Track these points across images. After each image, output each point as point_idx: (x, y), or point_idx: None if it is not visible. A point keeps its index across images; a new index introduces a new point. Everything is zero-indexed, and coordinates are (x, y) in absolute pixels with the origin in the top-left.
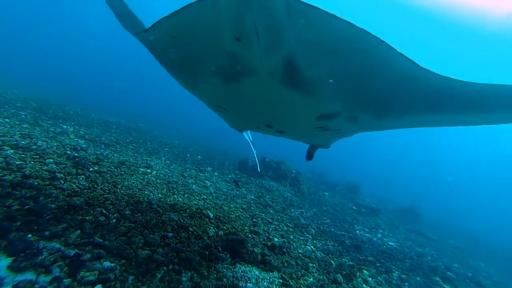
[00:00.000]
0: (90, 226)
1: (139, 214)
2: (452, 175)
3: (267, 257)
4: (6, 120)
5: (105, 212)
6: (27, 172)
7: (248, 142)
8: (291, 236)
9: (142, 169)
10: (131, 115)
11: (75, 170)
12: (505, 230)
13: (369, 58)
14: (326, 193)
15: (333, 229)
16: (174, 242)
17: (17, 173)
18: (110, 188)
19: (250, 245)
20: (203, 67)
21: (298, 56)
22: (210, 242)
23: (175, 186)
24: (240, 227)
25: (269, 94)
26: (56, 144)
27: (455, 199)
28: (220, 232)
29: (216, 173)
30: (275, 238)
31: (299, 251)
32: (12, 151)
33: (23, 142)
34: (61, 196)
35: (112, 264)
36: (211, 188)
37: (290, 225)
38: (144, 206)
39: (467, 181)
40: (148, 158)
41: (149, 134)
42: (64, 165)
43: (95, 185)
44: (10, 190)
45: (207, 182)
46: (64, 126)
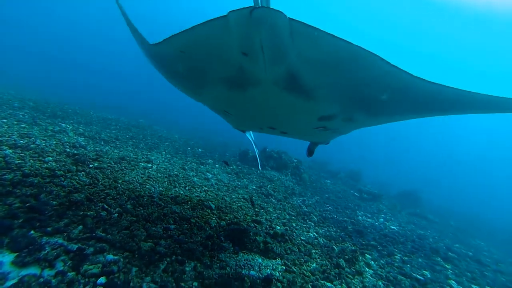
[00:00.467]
0: (92, 221)
1: (141, 208)
2: (453, 161)
3: (270, 245)
4: (4, 121)
5: (107, 207)
6: (27, 171)
7: (251, 142)
8: (294, 224)
9: (143, 164)
10: (131, 113)
11: (75, 167)
12: (506, 212)
13: (362, 69)
14: (328, 181)
15: (335, 216)
16: (177, 234)
17: (17, 172)
18: (111, 184)
19: (252, 234)
20: (209, 77)
21: (299, 68)
22: (213, 233)
23: (176, 179)
24: (242, 217)
25: (273, 100)
26: (55, 142)
27: (456, 183)
28: (222, 223)
29: (217, 165)
30: (277, 227)
31: (302, 238)
32: (11, 151)
33: (22, 142)
34: (62, 193)
35: (116, 257)
36: (213, 180)
37: (292, 213)
38: (146, 200)
39: (468, 166)
40: (149, 153)
41: (149, 129)
42: (64, 163)
43: (96, 181)
44: (11, 189)
45: (208, 174)
46: (63, 125)
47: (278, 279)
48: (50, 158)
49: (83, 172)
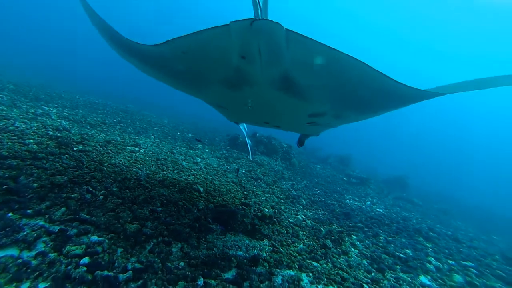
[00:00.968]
0: (76, 204)
1: (127, 191)
2: (440, 146)
3: (258, 227)
4: None
5: (92, 190)
6: (5, 153)
7: (243, 132)
8: (282, 207)
9: (130, 148)
10: (121, 98)
11: (58, 150)
12: (485, 195)
13: (349, 73)
14: (318, 166)
15: (324, 199)
16: (164, 216)
17: None
18: (96, 166)
19: (240, 216)
20: (208, 76)
21: (293, 71)
22: (200, 215)
23: (165, 163)
24: (231, 200)
25: (267, 99)
26: (37, 125)
27: (442, 169)
28: (211, 205)
29: (207, 150)
30: (266, 209)
31: (290, 221)
32: None
33: None
34: (44, 176)
35: (100, 238)
36: (202, 164)
37: (281, 197)
38: (132, 183)
39: (454, 152)
40: (136, 137)
41: (138, 114)
42: (46, 145)
43: (80, 164)
44: None
45: (198, 159)
46: (46, 108)
47: (265, 259)
48: (31, 141)
49: (67, 155)
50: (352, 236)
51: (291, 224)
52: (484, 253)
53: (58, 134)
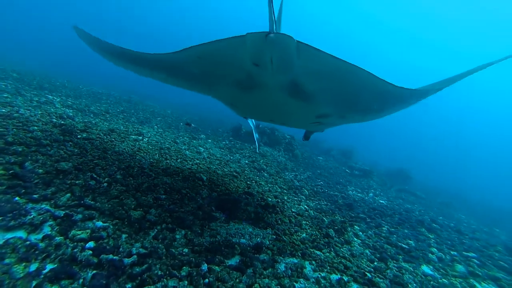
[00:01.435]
0: (81, 190)
1: (131, 178)
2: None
3: (261, 215)
4: None
5: (96, 177)
6: (10, 139)
7: (251, 127)
8: (285, 197)
9: (133, 137)
10: (124, 90)
11: (62, 137)
12: (486, 189)
13: (352, 80)
14: (320, 158)
15: (327, 190)
16: (167, 204)
17: None
18: (100, 154)
19: (244, 205)
20: (221, 79)
21: (301, 78)
22: (204, 203)
23: (168, 152)
24: (234, 189)
25: (277, 101)
26: (41, 113)
27: (444, 163)
28: (214, 194)
29: (210, 140)
30: (269, 199)
31: (293, 210)
32: None
33: (4, 110)
34: (49, 162)
35: (105, 224)
36: (205, 154)
37: (284, 187)
38: (136, 171)
39: (455, 146)
40: (140, 127)
41: (141, 105)
42: (50, 133)
43: (84, 151)
44: None
45: (201, 148)
46: (50, 96)
47: (268, 247)
48: (36, 128)
49: (71, 142)
50: (355, 227)
51: (294, 214)
52: (486, 244)
53: (62, 122)
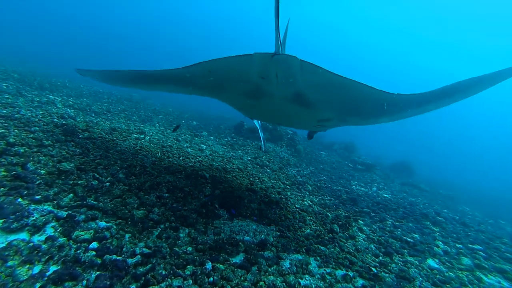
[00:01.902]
0: (83, 190)
1: (133, 177)
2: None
3: (264, 212)
4: None
5: (98, 176)
6: (11, 140)
7: (257, 127)
8: (288, 193)
9: (135, 135)
10: (124, 88)
11: (64, 137)
12: (492, 181)
13: (349, 92)
14: (323, 153)
15: (330, 185)
16: (170, 202)
17: (1, 142)
18: (102, 153)
19: (247, 201)
20: (230, 90)
21: (304, 90)
22: (207, 201)
23: (170, 150)
24: (237, 186)
25: (282, 108)
26: (42, 113)
27: (449, 155)
28: (217, 191)
29: (212, 137)
30: (272, 195)
31: (296, 206)
32: None
33: (5, 111)
34: (51, 163)
35: (108, 224)
36: (207, 151)
37: (287, 183)
38: (138, 169)
39: (458, 138)
40: (141, 125)
41: (142, 103)
42: (52, 133)
43: (86, 151)
44: None
45: (203, 146)
46: (51, 96)
47: (272, 244)
48: (37, 128)
49: (73, 142)
50: (359, 221)
51: (298, 210)
52: (492, 236)
53: (64, 122)
